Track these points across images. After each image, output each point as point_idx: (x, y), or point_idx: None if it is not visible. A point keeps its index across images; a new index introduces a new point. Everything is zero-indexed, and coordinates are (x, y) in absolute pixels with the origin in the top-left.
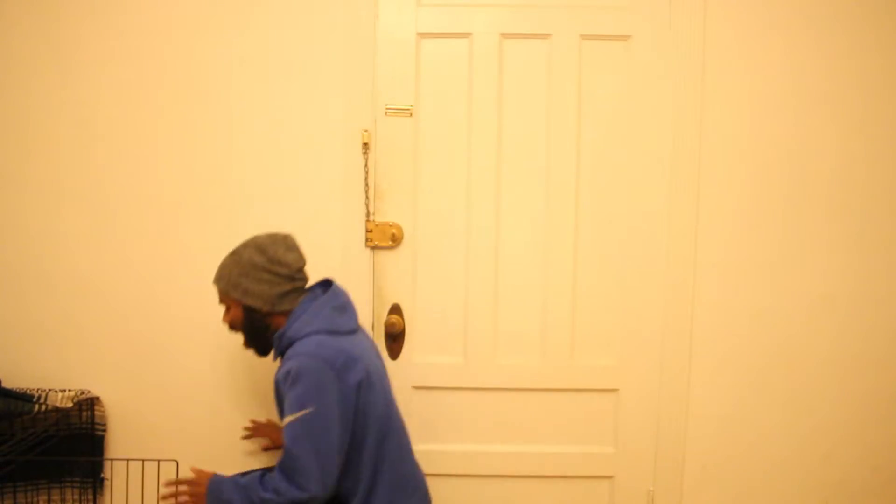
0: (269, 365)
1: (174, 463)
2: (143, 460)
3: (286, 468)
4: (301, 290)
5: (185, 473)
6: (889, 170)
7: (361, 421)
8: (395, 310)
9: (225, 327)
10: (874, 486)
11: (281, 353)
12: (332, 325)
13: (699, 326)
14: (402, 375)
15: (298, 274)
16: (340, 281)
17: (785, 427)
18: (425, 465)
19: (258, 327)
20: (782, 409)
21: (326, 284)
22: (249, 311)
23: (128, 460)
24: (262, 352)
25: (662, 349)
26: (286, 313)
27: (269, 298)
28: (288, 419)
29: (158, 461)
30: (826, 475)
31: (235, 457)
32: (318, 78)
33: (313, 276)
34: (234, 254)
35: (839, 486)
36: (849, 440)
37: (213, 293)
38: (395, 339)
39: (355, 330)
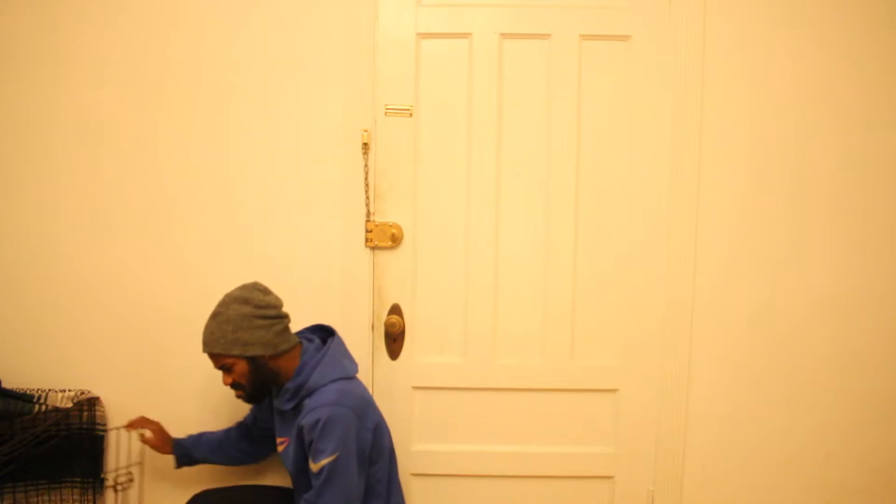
0: None
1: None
2: (117, 428)
3: None
4: (288, 328)
5: (181, 484)
6: (889, 170)
7: (375, 458)
8: (395, 310)
9: None
10: (875, 487)
11: (297, 402)
12: (347, 371)
13: (699, 326)
14: (401, 375)
15: (283, 311)
16: (340, 281)
17: (785, 427)
18: (425, 465)
19: (266, 375)
20: (782, 409)
21: (318, 330)
22: (254, 362)
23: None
24: (260, 399)
25: (662, 349)
26: (287, 353)
27: (270, 342)
28: (318, 465)
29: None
30: (826, 475)
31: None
32: (318, 78)
33: (313, 276)
34: (217, 315)
35: (839, 486)
36: (849, 440)
37: (213, 293)
38: (394, 339)
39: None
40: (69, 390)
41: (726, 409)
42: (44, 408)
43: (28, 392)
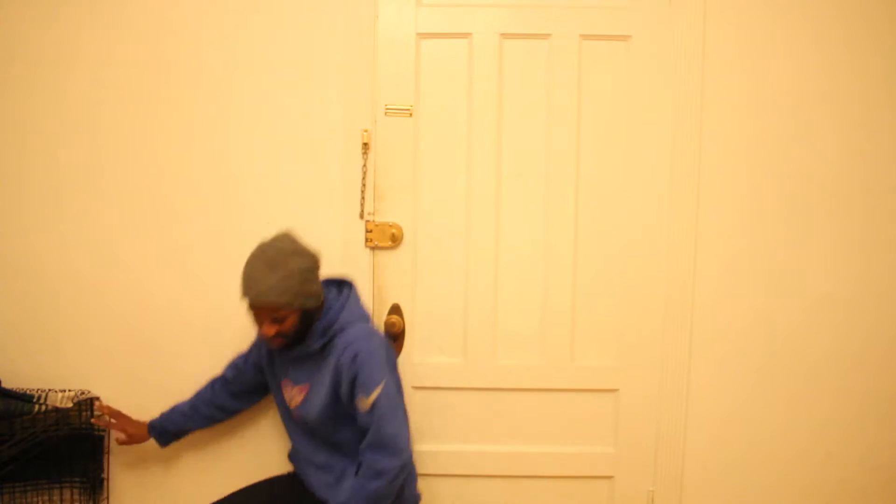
0: None
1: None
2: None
3: (380, 443)
4: None
5: (181, 484)
6: (889, 170)
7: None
8: (395, 310)
9: (226, 328)
10: (875, 487)
11: (328, 340)
12: (366, 314)
13: (699, 326)
14: (402, 375)
15: None
16: None
17: (785, 427)
18: (425, 465)
19: (309, 322)
20: (782, 409)
21: (331, 281)
22: (306, 314)
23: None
24: (295, 346)
25: (662, 349)
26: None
27: (319, 294)
28: (369, 399)
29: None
30: (827, 475)
31: (236, 456)
32: (318, 78)
33: None
34: (278, 268)
35: (840, 485)
36: (849, 440)
37: (213, 293)
38: (394, 339)
39: None
40: (69, 390)
41: (726, 408)
42: (44, 408)
43: (28, 392)
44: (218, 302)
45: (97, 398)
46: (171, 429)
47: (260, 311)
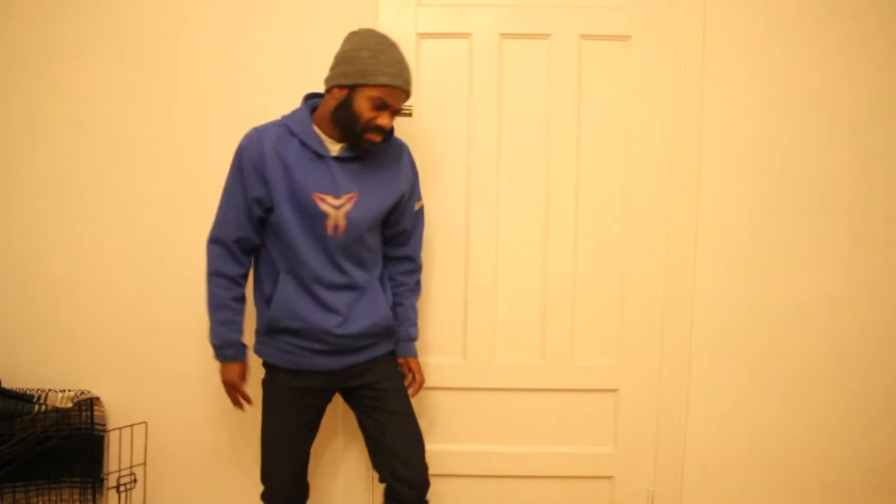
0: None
1: (144, 425)
2: (119, 429)
3: (420, 249)
4: None
5: (180, 485)
6: (889, 170)
7: None
8: None
9: None
10: (874, 486)
11: (389, 136)
12: None
13: (699, 326)
14: None
15: None
16: None
17: (784, 427)
18: None
19: None
20: (782, 408)
21: None
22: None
23: (121, 429)
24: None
25: (662, 349)
26: None
27: None
28: (420, 202)
29: (132, 427)
30: (826, 475)
31: (236, 457)
32: (319, 78)
33: None
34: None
35: (839, 485)
36: (848, 440)
37: None
38: None
39: None
40: (69, 390)
41: (726, 409)
42: (44, 408)
43: (28, 392)
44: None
45: (97, 398)
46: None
47: (398, 98)
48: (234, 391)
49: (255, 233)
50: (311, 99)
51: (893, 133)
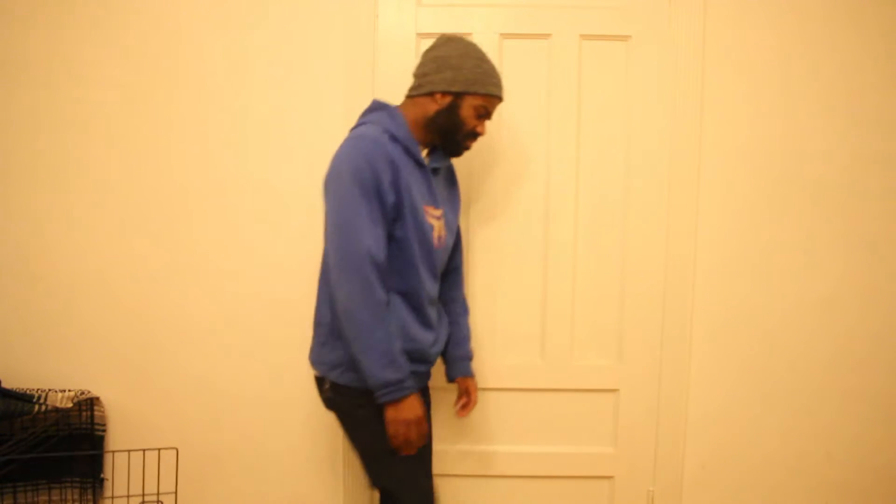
0: (266, 366)
1: (174, 451)
2: (144, 450)
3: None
4: None
5: (186, 462)
6: (886, 170)
7: None
8: None
9: (226, 328)
10: (875, 486)
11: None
12: None
13: (699, 327)
14: None
15: None
16: None
17: (785, 427)
18: None
19: None
20: (782, 409)
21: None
22: None
23: (129, 451)
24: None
25: (662, 349)
26: None
27: None
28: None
29: (159, 450)
30: (826, 475)
31: (236, 458)
32: (319, 78)
33: (314, 276)
34: None
35: (839, 485)
36: (849, 440)
37: (212, 293)
38: None
39: None
40: (69, 390)
41: (726, 408)
42: (44, 408)
43: (28, 392)
44: (219, 302)
45: (97, 398)
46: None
47: (495, 107)
48: (420, 427)
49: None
50: (383, 106)
51: (892, 133)
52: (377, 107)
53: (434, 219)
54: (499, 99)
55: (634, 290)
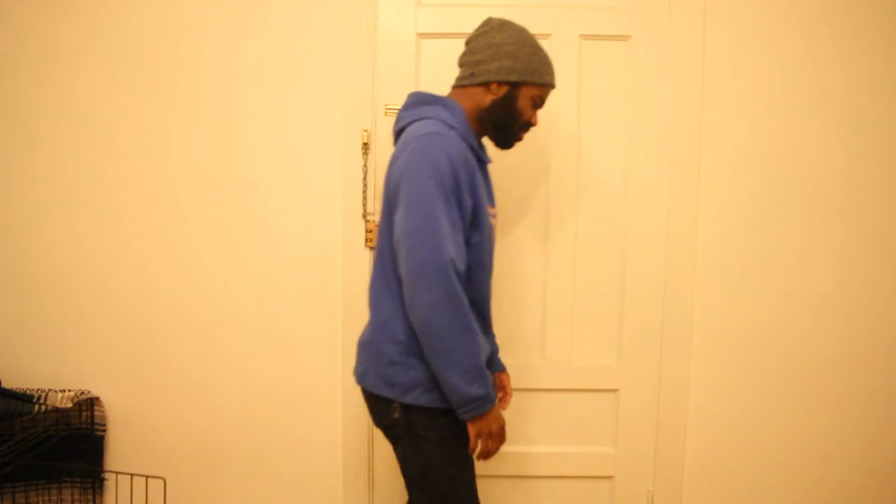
0: (266, 366)
1: (162, 481)
2: (132, 475)
3: None
4: None
5: (179, 485)
6: (888, 169)
7: None
8: None
9: (226, 328)
10: (874, 486)
11: None
12: None
13: (699, 327)
14: None
15: None
16: (340, 281)
17: (785, 427)
18: None
19: None
20: (782, 409)
21: None
22: None
23: (117, 473)
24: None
25: (662, 349)
26: None
27: None
28: None
29: (147, 478)
30: (826, 475)
31: (236, 458)
32: (318, 78)
33: (313, 276)
34: None
35: (839, 485)
36: (849, 440)
37: (212, 293)
38: None
39: None
40: (69, 390)
41: (726, 408)
42: (44, 408)
43: (28, 392)
44: (218, 301)
45: (97, 398)
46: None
47: (548, 94)
48: (502, 437)
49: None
50: (437, 99)
51: (891, 132)
52: (430, 99)
53: (493, 218)
54: (551, 88)
55: (634, 290)
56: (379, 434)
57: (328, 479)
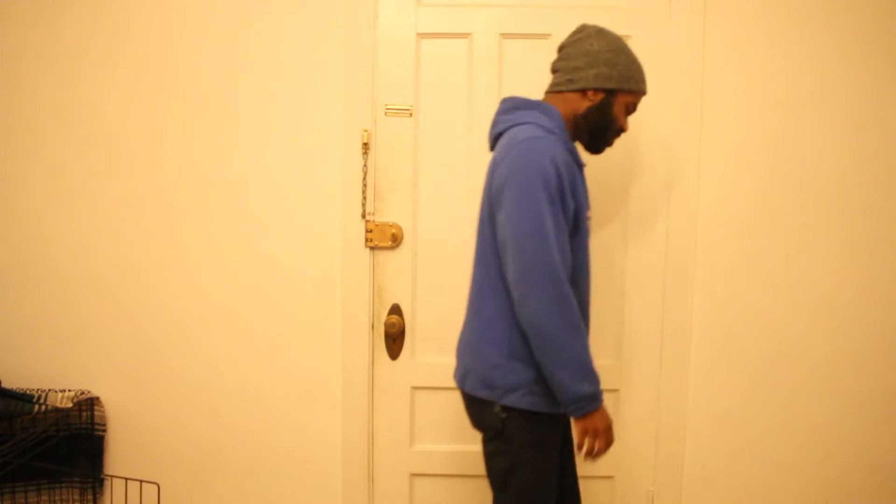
0: (266, 366)
1: (156, 486)
2: (127, 479)
3: None
4: None
5: (179, 485)
6: (889, 169)
7: None
8: (395, 310)
9: (226, 328)
10: (874, 486)
11: None
12: None
13: (699, 326)
14: (401, 375)
15: None
16: (340, 281)
17: (785, 427)
18: (425, 465)
19: None
20: (782, 408)
21: None
22: None
23: (112, 477)
24: None
25: (662, 349)
26: None
27: None
28: None
29: (141, 482)
30: (826, 475)
31: (235, 458)
32: (318, 78)
33: (314, 276)
34: None
35: (839, 485)
36: (849, 440)
37: (212, 293)
38: (394, 339)
39: None
40: (69, 390)
41: (726, 408)
42: (44, 408)
43: (28, 392)
44: (218, 301)
45: (97, 398)
46: None
47: (639, 101)
48: (610, 435)
49: None
50: (535, 104)
51: (890, 132)
52: (526, 104)
53: (588, 221)
54: (645, 94)
55: (634, 289)
56: (379, 434)
57: (328, 479)
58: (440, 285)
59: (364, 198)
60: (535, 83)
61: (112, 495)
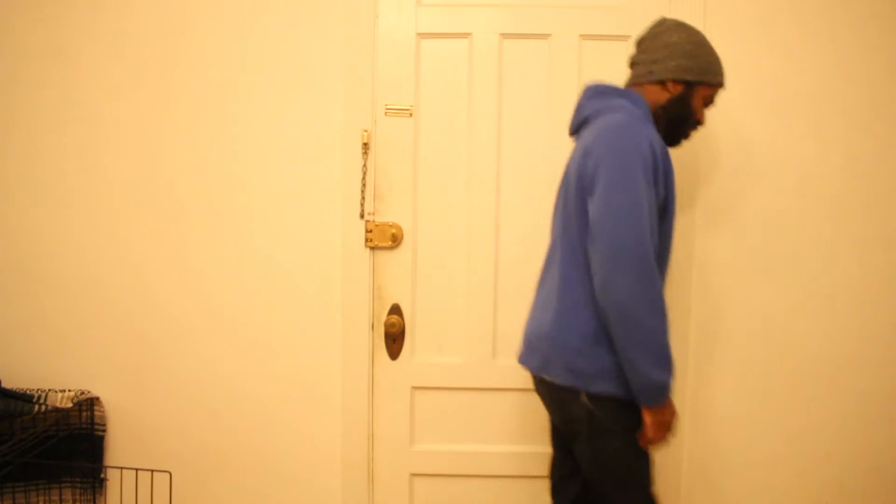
0: (266, 366)
1: (167, 475)
2: (137, 469)
3: None
4: None
5: (179, 485)
6: (889, 169)
7: None
8: (395, 310)
9: (227, 328)
10: (875, 486)
11: None
12: None
13: (698, 326)
14: (401, 375)
15: None
16: (340, 281)
17: (784, 426)
18: (425, 465)
19: None
20: (782, 408)
21: None
22: None
23: (122, 468)
24: None
25: None
26: None
27: None
28: None
29: (152, 472)
30: (826, 475)
31: (235, 458)
32: (318, 78)
33: (314, 276)
34: None
35: (839, 485)
36: (849, 440)
37: (212, 293)
38: (394, 339)
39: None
40: (69, 390)
41: (725, 408)
42: (44, 408)
43: (28, 392)
44: (217, 301)
45: (97, 398)
46: None
47: (716, 94)
48: (673, 427)
49: None
50: (624, 93)
51: (890, 131)
52: (613, 91)
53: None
54: (723, 87)
55: None
56: (379, 434)
57: (328, 479)
58: (440, 285)
59: (364, 197)
60: (535, 83)
61: (121, 489)
